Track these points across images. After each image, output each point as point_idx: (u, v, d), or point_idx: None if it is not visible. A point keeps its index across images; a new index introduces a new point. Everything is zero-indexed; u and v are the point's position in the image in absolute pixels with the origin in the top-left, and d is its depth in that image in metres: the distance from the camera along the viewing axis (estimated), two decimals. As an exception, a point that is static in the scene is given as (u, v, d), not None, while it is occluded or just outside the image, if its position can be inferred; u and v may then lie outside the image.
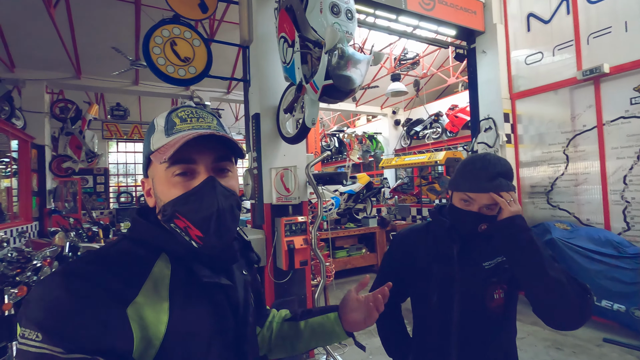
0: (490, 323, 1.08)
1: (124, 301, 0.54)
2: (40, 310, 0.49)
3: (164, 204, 0.64)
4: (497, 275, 1.08)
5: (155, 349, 0.55)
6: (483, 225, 1.07)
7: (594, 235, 3.58)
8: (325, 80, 2.20)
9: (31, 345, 0.47)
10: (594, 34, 3.85)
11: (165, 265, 0.62)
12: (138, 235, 0.65)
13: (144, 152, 0.69)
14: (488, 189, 1.02)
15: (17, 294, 2.34)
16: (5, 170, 7.23)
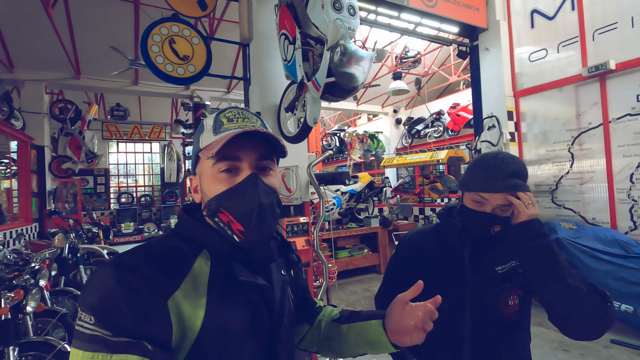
0: (505, 330, 1.03)
1: (165, 294, 0.57)
2: (94, 296, 0.55)
3: (209, 199, 0.67)
4: (510, 280, 1.03)
5: (190, 342, 0.59)
6: (496, 227, 1.01)
7: (600, 235, 3.53)
8: (327, 78, 2.15)
9: (86, 327, 0.53)
10: (599, 29, 3.79)
11: (205, 262, 0.65)
12: (183, 231, 0.69)
13: (193, 151, 0.73)
14: (502, 189, 0.97)
15: (13, 298, 2.30)
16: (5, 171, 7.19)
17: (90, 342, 0.52)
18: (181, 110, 10.09)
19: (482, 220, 1.02)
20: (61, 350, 2.33)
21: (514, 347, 1.05)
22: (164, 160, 11.66)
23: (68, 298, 3.73)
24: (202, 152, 0.68)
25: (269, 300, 0.71)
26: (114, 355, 0.51)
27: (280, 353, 0.71)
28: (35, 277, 2.78)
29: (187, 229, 0.69)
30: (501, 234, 1.05)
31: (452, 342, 1.06)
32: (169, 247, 0.65)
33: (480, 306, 1.03)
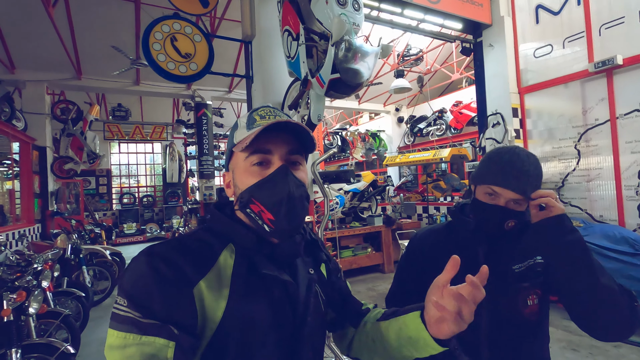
0: (523, 331, 1.00)
1: (191, 283, 0.60)
2: (128, 282, 0.59)
3: (241, 192, 0.70)
4: (529, 279, 0.99)
5: (211, 331, 0.61)
6: (510, 222, 0.97)
7: (608, 232, 3.48)
8: (332, 74, 2.12)
9: (120, 310, 0.57)
10: (606, 24, 3.74)
11: (230, 255, 0.67)
12: (212, 226, 0.72)
13: (227, 147, 0.77)
14: (515, 187, 0.94)
15: (16, 300, 2.27)
16: (7, 172, 7.19)
17: (123, 323, 0.56)
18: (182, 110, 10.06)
19: (495, 214, 0.98)
20: (64, 352, 2.31)
21: (533, 348, 1.02)
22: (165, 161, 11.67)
23: (71, 299, 3.71)
24: (235, 147, 0.71)
25: (293, 297, 0.71)
26: (144, 336, 0.54)
27: (302, 351, 0.70)
28: (37, 278, 2.76)
29: (216, 224, 0.72)
30: (517, 230, 1.01)
31: (469, 344, 1.02)
32: (197, 240, 0.68)
33: (498, 307, 0.99)
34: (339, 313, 0.88)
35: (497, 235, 1.02)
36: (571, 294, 0.90)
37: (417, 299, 1.17)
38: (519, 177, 0.94)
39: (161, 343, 0.54)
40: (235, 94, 8.39)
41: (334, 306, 0.87)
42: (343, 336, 0.90)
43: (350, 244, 5.84)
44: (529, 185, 0.95)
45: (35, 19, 5.38)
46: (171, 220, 11.81)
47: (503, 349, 1.00)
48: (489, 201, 0.99)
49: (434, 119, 8.48)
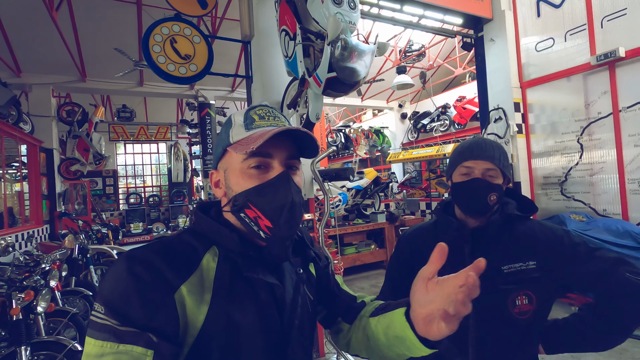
0: (514, 330, 0.99)
1: (172, 287, 0.58)
2: (106, 287, 0.58)
3: (235, 194, 0.67)
4: (518, 282, 0.98)
5: (193, 337, 0.59)
6: (492, 196, 0.99)
7: (611, 227, 3.46)
8: (329, 73, 2.13)
9: (97, 317, 0.55)
10: (608, 16, 3.70)
11: (212, 258, 0.65)
12: (197, 228, 0.70)
13: (219, 145, 0.72)
14: (485, 157, 1.00)
15: (24, 299, 2.33)
16: (16, 174, 7.31)
17: (101, 331, 0.54)
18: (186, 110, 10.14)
19: (473, 187, 1.01)
20: (72, 349, 2.37)
21: (522, 347, 1.02)
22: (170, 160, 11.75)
23: (79, 298, 3.78)
24: (233, 147, 0.67)
25: (280, 299, 0.69)
26: (121, 345, 0.53)
27: (290, 354, 0.69)
28: (45, 278, 2.82)
29: (201, 226, 0.70)
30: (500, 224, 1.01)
31: (457, 340, 1.04)
32: (180, 243, 0.66)
33: (484, 305, 1.00)
34: (329, 309, 0.86)
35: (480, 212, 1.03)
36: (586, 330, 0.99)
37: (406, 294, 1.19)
38: (483, 148, 1.02)
39: (139, 352, 0.52)
40: (238, 93, 8.43)
41: (324, 303, 0.86)
42: (339, 332, 0.87)
43: (354, 241, 5.86)
44: (495, 153, 1.01)
45: (40, 24, 5.45)
46: (177, 219, 11.92)
47: (492, 348, 1.00)
48: (465, 179, 1.02)
49: (438, 114, 8.43)
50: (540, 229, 1.04)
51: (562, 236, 1.01)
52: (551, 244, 1.00)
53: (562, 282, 0.99)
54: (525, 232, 1.03)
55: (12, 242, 2.88)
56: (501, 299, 0.99)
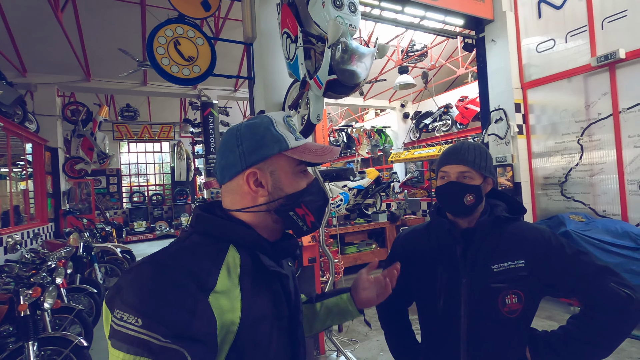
0: (504, 329, 1.03)
1: (207, 290, 0.59)
2: (138, 297, 0.54)
3: (288, 194, 0.72)
4: (507, 280, 1.01)
5: (233, 334, 0.60)
6: (469, 197, 1.04)
7: (610, 227, 3.48)
8: (329, 76, 2.17)
9: (130, 329, 0.52)
10: (608, 18, 3.71)
11: (235, 256, 0.67)
12: (206, 229, 0.69)
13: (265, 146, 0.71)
14: (455, 161, 1.06)
15: (32, 295, 2.39)
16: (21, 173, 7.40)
17: (134, 345, 0.52)
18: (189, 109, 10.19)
19: (449, 191, 1.06)
20: (78, 345, 2.43)
21: (514, 346, 1.05)
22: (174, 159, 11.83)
23: (83, 295, 3.85)
24: (292, 151, 0.72)
25: (287, 288, 0.76)
26: None
27: (299, 336, 0.77)
28: (52, 275, 2.89)
29: (211, 227, 0.69)
30: (489, 225, 1.05)
31: (450, 339, 1.07)
32: (199, 245, 0.66)
33: (476, 304, 1.03)
34: None
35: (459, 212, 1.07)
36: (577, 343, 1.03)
37: (401, 297, 1.24)
38: (458, 152, 1.07)
39: None
40: (240, 93, 8.48)
41: None
42: None
43: (355, 240, 5.90)
44: (469, 155, 1.05)
45: (45, 24, 5.53)
46: (180, 218, 12.01)
47: (484, 346, 1.03)
48: (443, 182, 1.09)
49: (440, 114, 8.45)
50: (528, 229, 1.07)
51: (549, 237, 1.04)
52: (538, 243, 1.03)
53: (547, 281, 1.02)
54: (513, 233, 1.06)
55: (20, 240, 2.94)
56: (492, 297, 1.02)
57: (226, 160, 0.72)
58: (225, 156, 0.72)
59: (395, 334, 1.29)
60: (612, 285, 0.95)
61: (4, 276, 2.64)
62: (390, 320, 1.30)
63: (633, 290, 0.94)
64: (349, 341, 3.36)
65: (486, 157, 1.08)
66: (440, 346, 1.11)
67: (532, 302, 1.04)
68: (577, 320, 1.03)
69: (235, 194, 0.72)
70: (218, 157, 0.75)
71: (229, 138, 0.73)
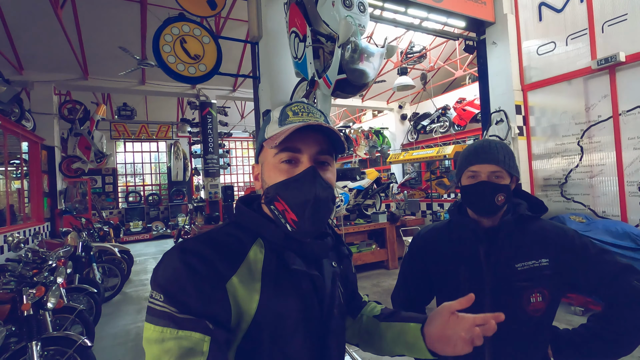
0: (527, 328, 1.03)
1: (224, 278, 0.61)
2: (163, 277, 0.60)
3: (267, 187, 0.71)
4: (531, 279, 1.01)
5: (246, 324, 0.62)
6: (500, 196, 1.03)
7: (610, 228, 3.52)
8: (339, 75, 2.18)
9: (156, 304, 0.59)
10: (609, 21, 3.76)
11: (259, 250, 0.68)
12: (240, 221, 0.73)
13: (258, 140, 0.78)
14: (489, 160, 1.03)
15: (35, 295, 2.36)
16: (17, 171, 7.30)
17: (160, 317, 0.57)
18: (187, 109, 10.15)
19: (481, 190, 1.04)
20: (82, 345, 2.40)
21: (537, 345, 1.05)
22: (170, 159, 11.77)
23: (83, 295, 3.80)
24: (266, 142, 0.71)
25: (320, 290, 0.73)
26: (180, 331, 0.56)
27: (330, 343, 0.72)
28: (53, 274, 2.85)
29: (244, 219, 0.72)
30: (513, 224, 1.05)
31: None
32: (227, 235, 0.68)
33: (500, 303, 1.02)
34: (348, 305, 0.91)
35: (496, 230, 1.06)
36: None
37: (420, 294, 1.24)
38: (488, 151, 1.05)
39: (197, 337, 0.56)
40: (239, 93, 8.45)
41: (346, 299, 0.90)
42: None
43: (355, 241, 5.91)
44: (500, 155, 1.04)
45: (43, 21, 5.46)
46: (177, 218, 11.93)
47: (507, 345, 1.03)
48: (473, 181, 1.06)
49: (438, 116, 8.50)
50: (551, 228, 1.07)
51: (573, 236, 1.05)
52: (563, 242, 1.03)
53: (571, 280, 1.03)
54: (537, 231, 1.06)
55: (23, 238, 2.90)
56: (516, 296, 1.02)
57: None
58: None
59: None
60: (635, 283, 0.96)
61: (7, 275, 2.60)
62: None
63: None
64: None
65: (512, 155, 1.08)
66: None
67: (556, 300, 1.04)
68: (599, 318, 1.03)
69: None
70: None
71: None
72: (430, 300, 1.29)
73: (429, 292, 1.24)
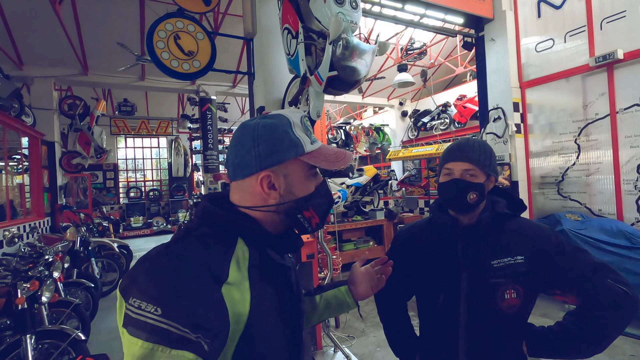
0: (502, 324, 1.04)
1: (220, 282, 0.60)
2: (157, 286, 0.55)
3: (297, 198, 0.72)
4: (507, 275, 1.02)
5: (243, 324, 0.62)
6: (472, 195, 1.04)
7: (606, 226, 3.52)
8: (330, 72, 2.17)
9: (149, 318, 0.52)
10: (607, 18, 3.73)
11: (244, 248, 0.68)
12: (214, 222, 0.70)
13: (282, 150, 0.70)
14: (461, 158, 1.05)
15: (29, 289, 2.39)
16: (17, 167, 7.35)
17: (152, 333, 0.52)
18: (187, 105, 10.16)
19: (452, 187, 1.06)
20: (75, 338, 2.43)
21: (512, 341, 1.06)
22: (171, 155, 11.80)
23: (81, 289, 3.84)
24: (307, 156, 0.72)
25: (290, 280, 0.78)
26: (173, 350, 0.52)
27: (300, 326, 0.80)
28: (49, 269, 2.88)
29: (220, 220, 0.70)
30: (490, 221, 1.06)
31: (448, 333, 1.08)
32: (209, 237, 0.66)
33: (475, 299, 1.04)
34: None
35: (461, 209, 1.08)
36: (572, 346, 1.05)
37: (401, 291, 1.25)
38: (463, 149, 1.07)
39: (190, 358, 0.52)
40: (239, 89, 8.44)
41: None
42: None
43: (352, 237, 5.92)
44: (473, 153, 1.05)
45: (42, 16, 5.47)
46: (177, 213, 11.99)
47: (482, 341, 1.04)
48: (447, 179, 1.08)
49: (438, 113, 8.46)
50: (529, 226, 1.08)
51: (549, 234, 1.05)
52: (539, 240, 1.04)
53: (546, 278, 1.04)
54: (514, 229, 1.07)
55: (18, 233, 2.93)
56: (491, 292, 1.03)
57: (240, 159, 0.71)
58: (240, 156, 0.71)
59: (394, 328, 1.30)
60: (609, 282, 0.97)
61: (1, 269, 2.63)
62: (389, 314, 1.31)
63: (629, 287, 0.96)
64: (346, 337, 3.38)
65: (490, 155, 1.08)
66: (439, 340, 1.12)
67: (530, 297, 1.05)
68: (573, 316, 1.05)
69: (246, 192, 0.72)
70: (231, 154, 0.73)
71: (245, 138, 0.70)
72: (411, 297, 1.30)
73: (409, 288, 1.25)
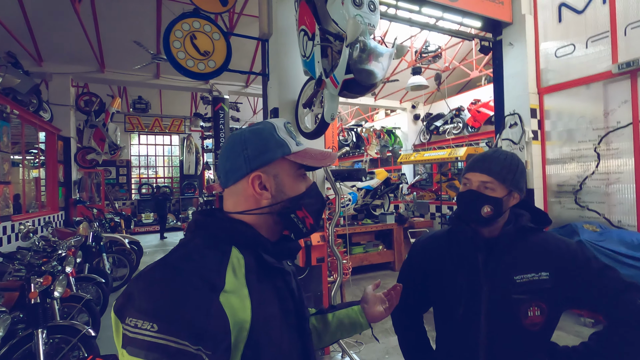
0: (524, 341, 0.99)
1: (217, 291, 0.60)
2: (152, 302, 0.55)
3: (290, 197, 0.73)
4: (530, 292, 0.98)
5: (246, 332, 0.61)
6: (486, 208, 1.00)
7: (626, 238, 3.40)
8: (346, 75, 2.15)
9: (147, 335, 0.52)
10: (632, 24, 3.62)
11: (239, 256, 0.68)
12: (208, 232, 0.70)
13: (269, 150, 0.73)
14: (479, 169, 1.03)
15: (42, 283, 2.41)
16: (34, 161, 7.50)
17: (151, 350, 0.52)
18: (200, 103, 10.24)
19: (467, 198, 1.04)
20: (86, 334, 2.44)
21: (533, 358, 1.02)
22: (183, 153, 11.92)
23: (92, 285, 3.89)
24: (294, 156, 0.74)
25: (290, 284, 0.78)
26: None
27: (306, 329, 0.79)
28: (62, 263, 2.91)
29: (214, 229, 0.71)
30: (513, 235, 1.02)
31: (467, 348, 1.04)
32: (203, 247, 0.67)
33: (496, 314, 1.00)
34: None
35: (494, 239, 1.04)
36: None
37: (418, 302, 1.22)
38: (483, 160, 1.03)
39: None
40: (252, 89, 8.48)
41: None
42: None
43: (362, 241, 5.87)
44: (495, 166, 1.01)
45: (62, 14, 5.57)
46: (187, 211, 12.09)
47: (502, 355, 1.00)
48: (464, 189, 1.06)
49: (451, 117, 8.35)
50: (554, 241, 1.03)
51: (575, 250, 1.01)
52: (564, 256, 1.00)
53: (572, 295, 0.99)
54: (538, 244, 1.03)
55: (32, 227, 2.97)
56: (513, 309, 0.99)
57: (231, 164, 0.73)
58: (230, 160, 0.73)
59: (409, 340, 1.27)
60: (639, 302, 0.92)
61: (16, 263, 2.67)
62: (405, 325, 1.27)
63: None
64: (355, 342, 3.34)
65: (515, 169, 1.03)
66: (457, 355, 1.08)
67: (555, 315, 1.00)
68: (600, 336, 1.00)
69: (239, 196, 0.74)
70: (222, 162, 0.75)
71: (234, 143, 0.73)
72: (428, 308, 1.26)
73: (426, 300, 1.22)
